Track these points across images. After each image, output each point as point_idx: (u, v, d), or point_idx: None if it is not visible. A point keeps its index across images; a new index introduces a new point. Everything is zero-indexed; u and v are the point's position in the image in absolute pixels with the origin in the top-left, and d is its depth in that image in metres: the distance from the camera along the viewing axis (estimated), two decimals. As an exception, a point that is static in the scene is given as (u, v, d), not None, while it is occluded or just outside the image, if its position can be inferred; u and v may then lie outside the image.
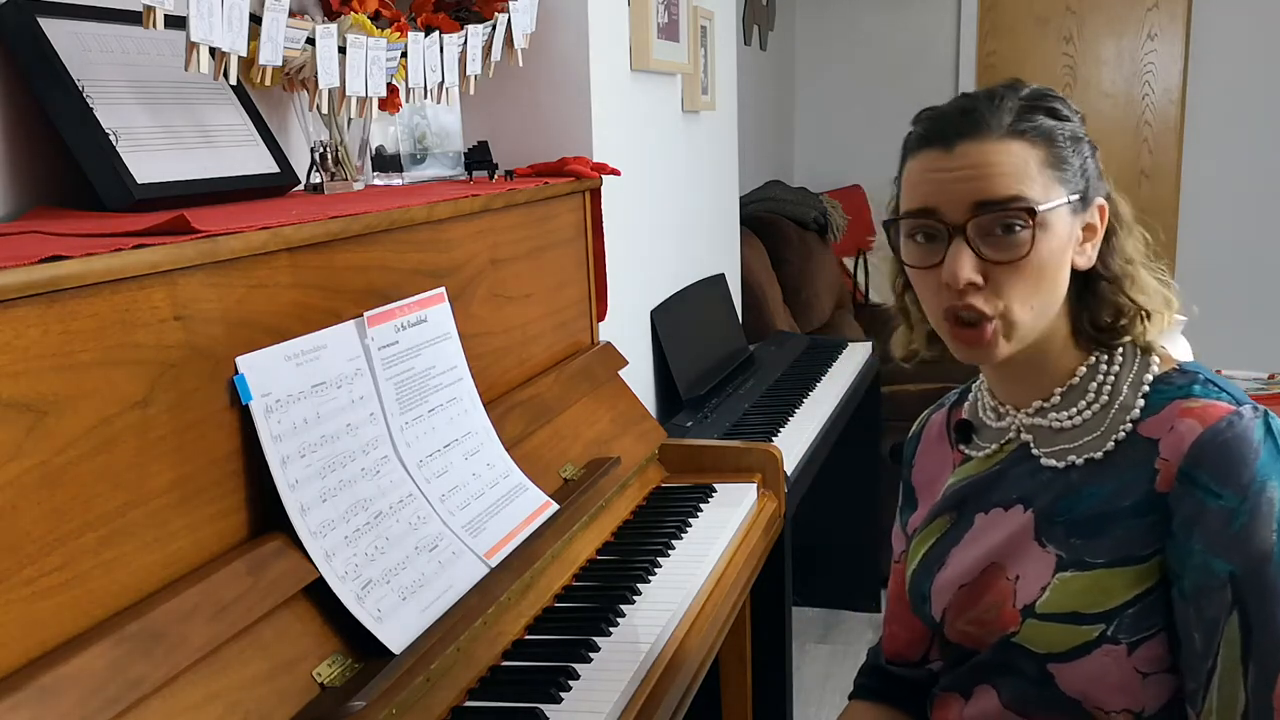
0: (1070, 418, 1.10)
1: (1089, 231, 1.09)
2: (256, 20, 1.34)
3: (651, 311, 2.46)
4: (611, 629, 1.36)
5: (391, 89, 1.65)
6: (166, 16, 1.19)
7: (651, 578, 1.52)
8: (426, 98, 1.71)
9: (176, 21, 1.23)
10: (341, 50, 1.51)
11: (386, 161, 1.88)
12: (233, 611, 1.01)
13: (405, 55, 1.63)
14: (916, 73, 5.05)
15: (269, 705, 1.01)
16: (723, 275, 3.00)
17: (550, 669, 1.25)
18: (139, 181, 1.30)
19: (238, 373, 1.09)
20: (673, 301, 2.57)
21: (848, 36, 5.16)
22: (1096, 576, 1.04)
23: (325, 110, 1.64)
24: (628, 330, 2.25)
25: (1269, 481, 0.98)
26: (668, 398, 2.48)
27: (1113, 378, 1.09)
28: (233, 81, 1.30)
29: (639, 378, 2.28)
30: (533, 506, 1.48)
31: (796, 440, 2.31)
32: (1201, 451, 1.00)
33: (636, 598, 1.46)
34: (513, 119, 2.15)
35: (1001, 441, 1.16)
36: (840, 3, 5.16)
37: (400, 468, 1.29)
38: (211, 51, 1.25)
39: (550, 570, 1.48)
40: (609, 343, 2.02)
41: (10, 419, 0.86)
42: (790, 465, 2.11)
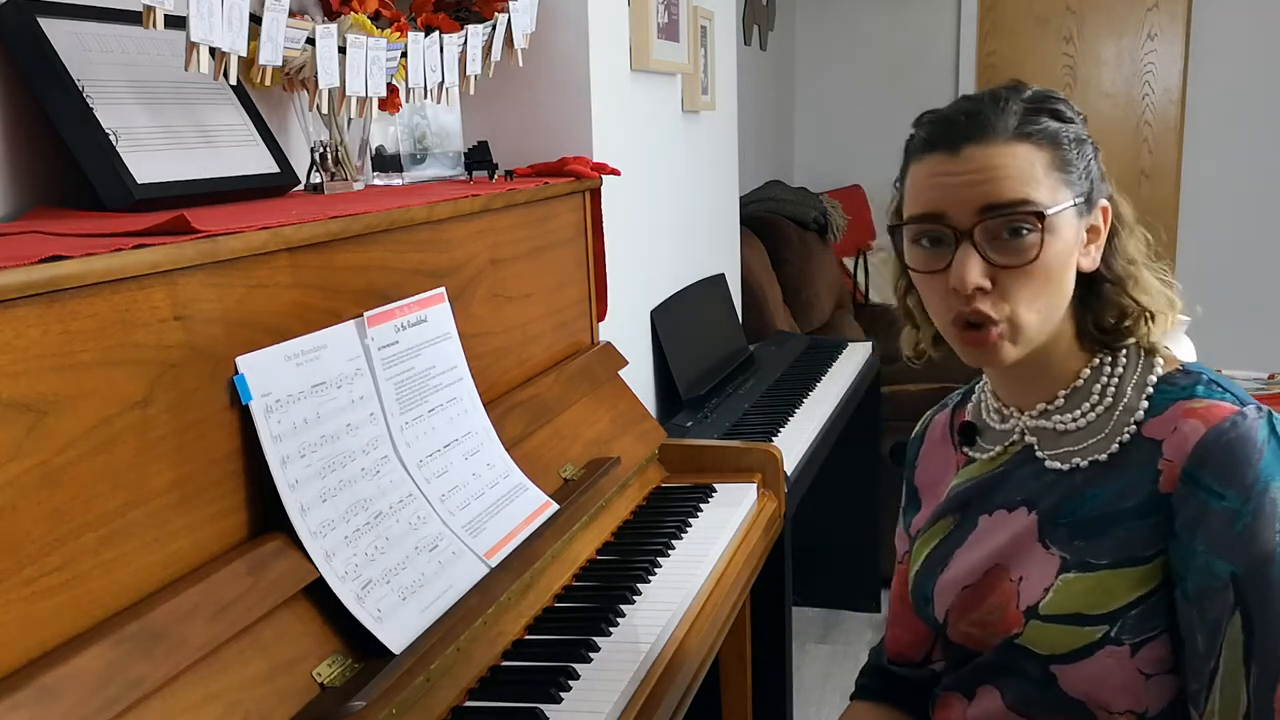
0: (1075, 420, 1.09)
1: (1093, 233, 1.08)
2: (256, 20, 1.34)
3: (651, 311, 2.46)
4: (611, 629, 1.36)
5: (391, 89, 1.65)
6: (166, 16, 1.19)
7: (651, 578, 1.52)
8: (426, 98, 1.71)
9: (176, 21, 1.23)
10: (341, 50, 1.51)
11: (386, 161, 1.88)
12: (233, 611, 1.01)
13: (405, 55, 1.63)
14: (916, 73, 5.05)
15: (269, 705, 1.01)
16: (723, 275, 3.00)
17: (550, 669, 1.25)
18: (139, 181, 1.30)
19: (238, 373, 1.09)
20: (673, 301, 2.57)
21: (848, 36, 5.16)
22: (1100, 578, 1.03)
23: (325, 110, 1.64)
24: (628, 330, 2.25)
25: (1272, 482, 0.97)
26: (668, 398, 2.48)
27: (1116, 379, 1.08)
28: (233, 81, 1.30)
29: (639, 378, 2.28)
30: (533, 506, 1.48)
31: (796, 440, 2.31)
32: (1205, 452, 1.00)
33: (636, 598, 1.46)
34: (513, 119, 2.15)
35: (1005, 444, 1.16)
36: (840, 3, 5.16)
37: (400, 468, 1.29)
38: (211, 51, 1.25)
39: (550, 570, 1.48)
40: (609, 343, 2.02)
41: (10, 419, 0.86)
42: (790, 465, 2.11)
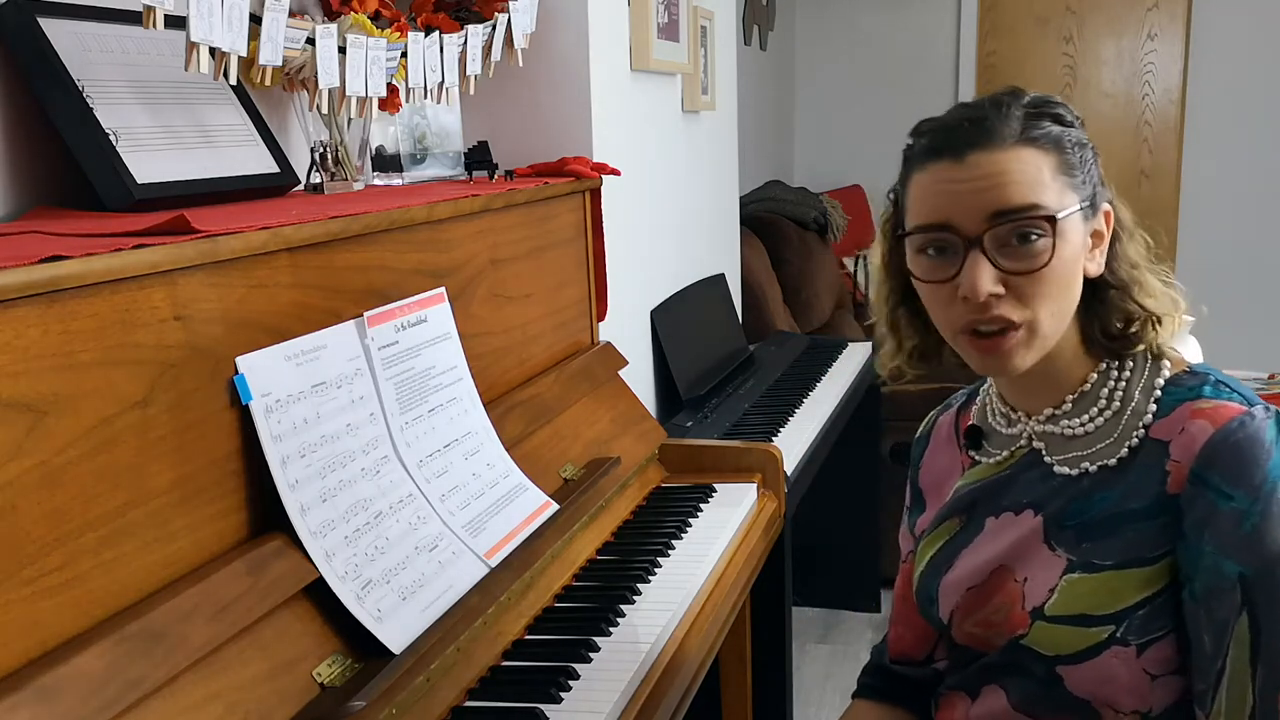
0: (1083, 424, 1.09)
1: (1097, 238, 1.08)
2: (256, 20, 1.34)
3: (651, 311, 2.46)
4: (611, 629, 1.36)
5: (391, 89, 1.65)
6: (166, 16, 1.19)
7: (651, 578, 1.52)
8: (426, 98, 1.71)
9: (176, 21, 1.23)
10: (341, 50, 1.51)
11: (386, 161, 1.88)
12: (233, 611, 1.01)
13: (405, 55, 1.63)
14: (916, 73, 5.05)
15: (269, 705, 1.01)
16: (723, 275, 3.00)
17: (550, 669, 1.25)
18: (139, 181, 1.30)
19: (238, 373, 1.09)
20: (673, 301, 2.57)
21: (848, 36, 5.17)
22: (1105, 578, 1.03)
23: (325, 110, 1.64)
24: (628, 330, 2.25)
25: None
26: (668, 398, 2.48)
27: (1124, 383, 1.08)
28: (233, 81, 1.30)
29: (639, 378, 2.28)
30: (533, 506, 1.48)
31: (796, 440, 2.31)
32: (1213, 452, 0.99)
33: (636, 598, 1.46)
34: (513, 119, 2.15)
35: (1012, 448, 1.15)
36: (840, 3, 5.16)
37: (400, 468, 1.29)
38: (211, 51, 1.25)
39: (550, 570, 1.48)
40: (609, 343, 2.02)
41: (10, 419, 0.86)
42: (790, 465, 2.11)
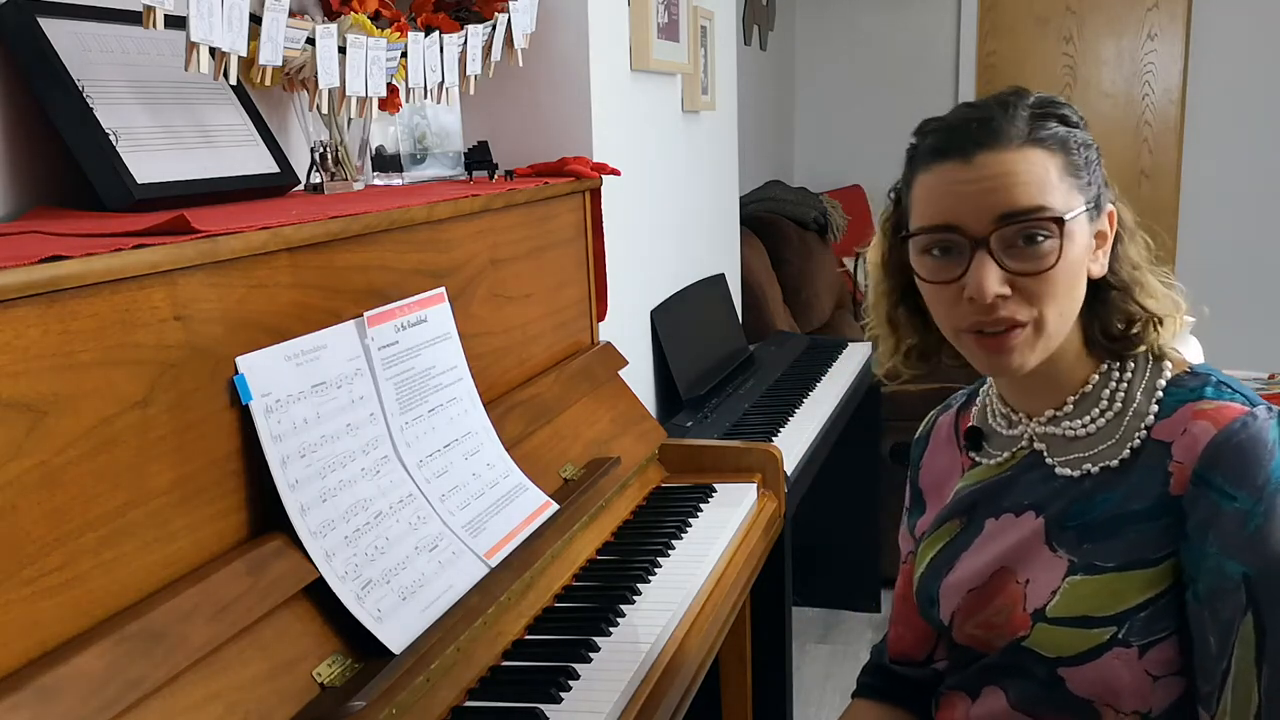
0: (1084, 426, 1.09)
1: (1100, 239, 1.08)
2: (256, 20, 1.34)
3: (651, 311, 2.46)
4: (611, 629, 1.36)
5: (391, 89, 1.65)
6: (166, 16, 1.19)
7: (651, 578, 1.52)
8: (426, 98, 1.71)
9: (176, 21, 1.23)
10: (341, 50, 1.51)
11: (386, 161, 1.88)
12: (233, 611, 1.01)
13: (405, 55, 1.63)
14: (916, 73, 5.05)
15: (269, 705, 1.01)
16: (723, 275, 3.00)
17: (550, 669, 1.25)
18: (139, 181, 1.30)
19: (238, 373, 1.09)
20: (673, 301, 2.57)
21: (848, 36, 5.17)
22: (1106, 580, 1.03)
23: (325, 110, 1.64)
24: (628, 330, 2.25)
25: None
26: (668, 398, 2.48)
27: (1125, 384, 1.08)
28: (233, 81, 1.30)
29: (639, 378, 2.28)
30: (533, 506, 1.48)
31: (796, 440, 2.31)
32: (1216, 453, 0.99)
33: (636, 598, 1.46)
34: (513, 119, 2.15)
35: (1013, 449, 1.15)
36: (840, 3, 5.16)
37: (400, 468, 1.29)
38: (211, 51, 1.25)
39: (550, 570, 1.48)
40: (609, 343, 2.02)
41: (10, 419, 0.86)
42: (790, 465, 2.11)
